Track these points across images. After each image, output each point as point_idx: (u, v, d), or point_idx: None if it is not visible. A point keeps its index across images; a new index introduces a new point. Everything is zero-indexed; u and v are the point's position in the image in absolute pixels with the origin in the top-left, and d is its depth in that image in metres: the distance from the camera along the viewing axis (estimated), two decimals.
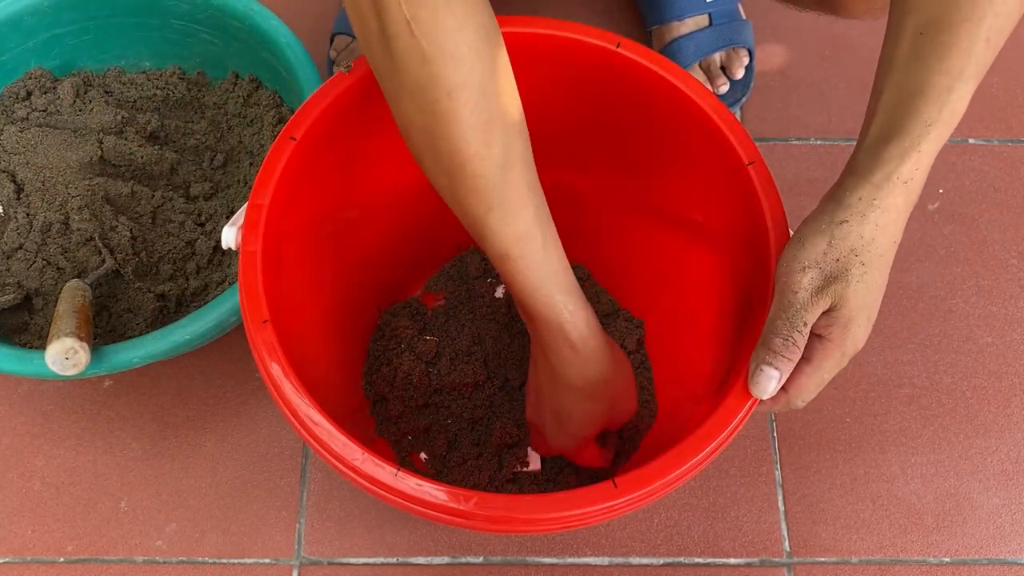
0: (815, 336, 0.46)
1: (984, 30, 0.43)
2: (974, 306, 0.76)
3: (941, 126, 0.44)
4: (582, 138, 0.63)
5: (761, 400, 0.47)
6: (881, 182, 0.44)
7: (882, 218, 0.45)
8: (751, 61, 0.83)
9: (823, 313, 0.46)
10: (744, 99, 0.84)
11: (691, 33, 0.82)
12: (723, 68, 0.83)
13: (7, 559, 0.67)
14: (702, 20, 0.83)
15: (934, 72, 0.43)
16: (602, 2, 0.91)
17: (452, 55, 0.43)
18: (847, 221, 0.45)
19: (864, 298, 0.45)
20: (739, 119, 0.81)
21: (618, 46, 0.55)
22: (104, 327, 0.66)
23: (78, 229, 0.67)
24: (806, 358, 0.47)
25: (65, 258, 0.67)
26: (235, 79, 0.76)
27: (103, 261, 0.67)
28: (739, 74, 0.82)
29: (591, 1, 0.91)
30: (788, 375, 0.46)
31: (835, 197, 0.46)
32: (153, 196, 0.70)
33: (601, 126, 0.62)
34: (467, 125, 0.45)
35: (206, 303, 0.62)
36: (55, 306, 0.63)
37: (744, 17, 0.85)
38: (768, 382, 0.46)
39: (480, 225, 0.48)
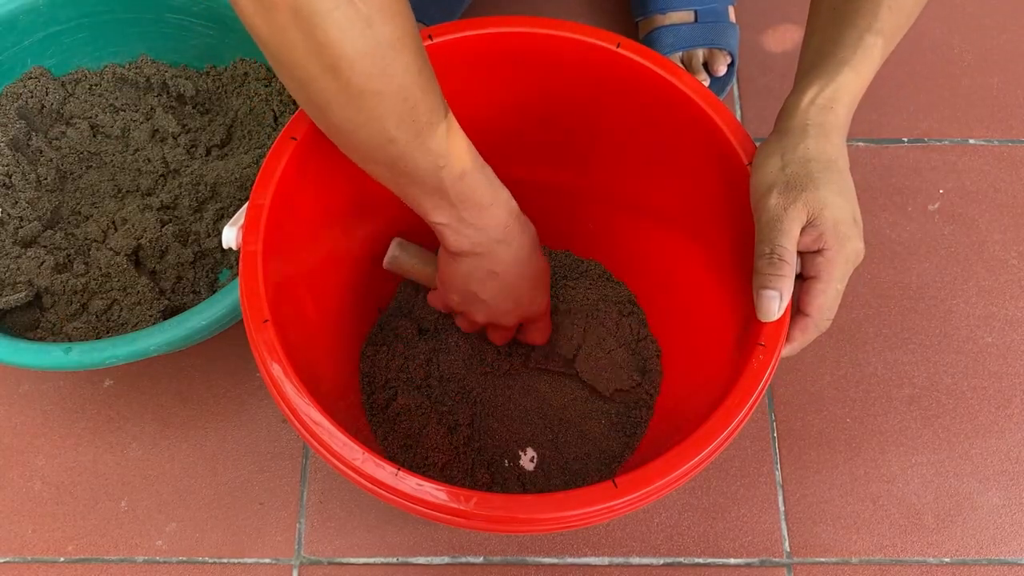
0: (814, 254, 0.48)
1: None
2: (974, 306, 0.76)
3: (854, 64, 0.50)
4: (582, 138, 0.63)
5: (790, 343, 0.49)
6: (808, 106, 0.50)
7: (819, 133, 0.49)
8: (733, 64, 0.83)
9: (809, 227, 0.48)
10: (721, 97, 0.84)
11: (673, 25, 0.83)
12: (705, 65, 0.83)
13: (7, 559, 0.67)
14: (688, 16, 0.83)
15: (846, 27, 0.51)
16: (601, 1, 0.91)
17: (390, 8, 0.42)
18: (791, 138, 0.50)
19: (839, 198, 0.48)
20: (739, 119, 0.81)
21: (618, 46, 0.55)
22: (116, 321, 0.66)
23: (89, 229, 0.67)
24: (814, 276, 0.48)
25: (76, 256, 0.67)
26: (235, 70, 0.76)
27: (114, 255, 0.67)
28: (721, 71, 0.82)
29: (591, 1, 0.91)
30: (789, 292, 0.48)
31: (776, 129, 0.52)
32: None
33: (601, 126, 0.62)
34: (416, 68, 0.44)
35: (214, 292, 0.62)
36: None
37: (734, 21, 0.84)
38: (770, 303, 0.48)
39: (439, 158, 0.48)
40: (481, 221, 0.53)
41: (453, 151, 0.48)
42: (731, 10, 0.85)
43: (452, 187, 0.50)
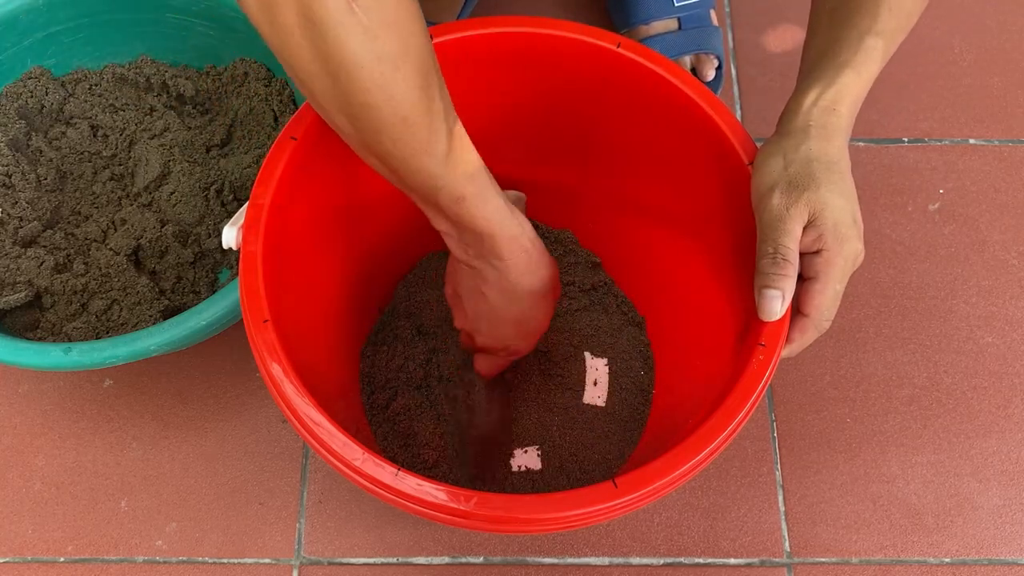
0: (814, 254, 0.48)
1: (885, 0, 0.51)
2: (975, 306, 0.76)
3: (855, 66, 0.51)
4: (582, 138, 0.63)
5: (790, 344, 0.49)
6: (810, 108, 0.50)
7: (821, 134, 0.50)
8: (721, 66, 0.83)
9: (809, 227, 0.48)
10: None
11: (659, 35, 0.83)
12: (694, 71, 0.83)
13: (7, 559, 0.67)
14: (671, 24, 0.83)
15: (846, 28, 0.51)
16: (601, 2, 0.91)
17: (394, 24, 0.42)
18: (793, 139, 0.50)
19: (840, 199, 0.48)
20: (739, 119, 0.81)
21: (618, 46, 0.55)
22: (116, 321, 0.66)
23: (89, 229, 0.67)
24: (813, 276, 0.48)
25: (76, 256, 0.67)
26: (235, 70, 0.76)
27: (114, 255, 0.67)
28: (710, 75, 0.82)
29: (591, 1, 0.91)
30: (791, 292, 0.48)
31: (778, 131, 0.52)
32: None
33: (601, 126, 0.62)
34: (415, 87, 0.44)
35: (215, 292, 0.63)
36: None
37: (716, 24, 0.84)
38: (772, 303, 0.48)
39: (436, 179, 0.47)
40: (479, 245, 0.51)
41: (451, 175, 0.47)
42: (712, 13, 0.85)
43: (448, 209, 0.49)
